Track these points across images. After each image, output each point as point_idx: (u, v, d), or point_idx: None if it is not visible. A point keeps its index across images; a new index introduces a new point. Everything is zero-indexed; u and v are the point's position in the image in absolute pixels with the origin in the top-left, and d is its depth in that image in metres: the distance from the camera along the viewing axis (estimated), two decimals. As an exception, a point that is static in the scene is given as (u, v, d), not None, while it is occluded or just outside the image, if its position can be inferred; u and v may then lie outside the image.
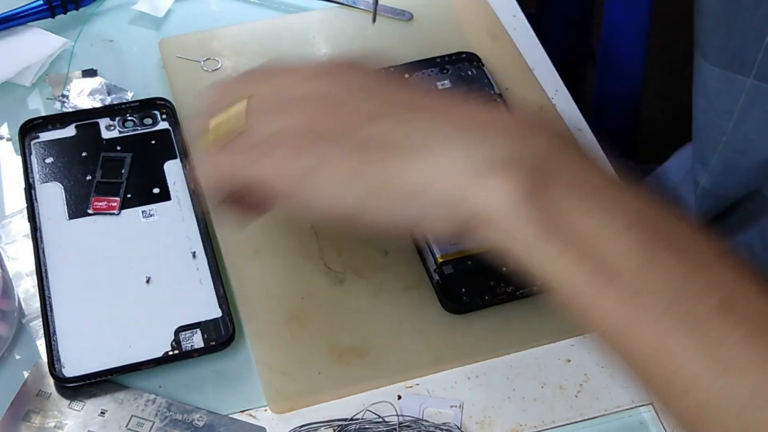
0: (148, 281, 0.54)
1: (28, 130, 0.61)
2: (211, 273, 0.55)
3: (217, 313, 0.53)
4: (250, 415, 0.51)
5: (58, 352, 0.51)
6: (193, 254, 0.56)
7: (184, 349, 0.51)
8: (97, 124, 0.62)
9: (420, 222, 0.42)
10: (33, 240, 0.56)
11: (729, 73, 0.59)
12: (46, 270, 0.54)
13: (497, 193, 0.39)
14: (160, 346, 0.51)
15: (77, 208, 0.57)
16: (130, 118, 0.62)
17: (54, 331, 0.52)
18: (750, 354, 0.36)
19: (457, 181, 0.40)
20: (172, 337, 0.52)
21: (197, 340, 0.52)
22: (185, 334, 0.52)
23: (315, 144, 0.43)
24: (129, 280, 0.54)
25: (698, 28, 0.62)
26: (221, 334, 0.52)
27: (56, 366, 0.50)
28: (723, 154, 0.64)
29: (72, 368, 0.50)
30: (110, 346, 0.51)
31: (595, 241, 0.38)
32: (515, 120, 0.42)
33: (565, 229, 0.38)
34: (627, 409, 0.52)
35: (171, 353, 0.51)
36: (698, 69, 0.63)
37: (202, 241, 0.56)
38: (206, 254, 0.56)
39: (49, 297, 0.53)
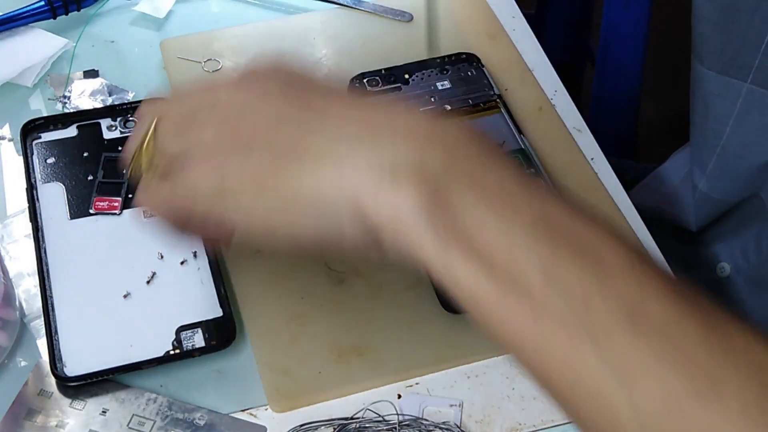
0: (149, 281, 0.54)
1: (30, 131, 0.61)
2: (212, 273, 0.55)
3: (217, 312, 0.53)
4: (251, 414, 0.51)
5: (59, 351, 0.51)
6: (194, 254, 0.56)
7: (185, 349, 0.52)
8: (99, 124, 0.62)
9: (331, 235, 0.40)
10: (34, 240, 0.56)
11: (726, 78, 0.60)
12: (47, 270, 0.55)
13: (400, 203, 0.38)
14: (161, 345, 0.52)
15: (79, 208, 0.58)
16: (131, 118, 0.62)
17: (55, 331, 0.52)
18: (658, 365, 0.34)
19: (360, 190, 0.39)
20: (173, 337, 0.52)
21: (198, 340, 0.52)
22: (186, 334, 0.52)
23: (223, 157, 0.42)
24: (130, 280, 0.54)
25: (695, 33, 0.62)
26: (222, 334, 0.52)
27: (58, 365, 0.51)
28: (720, 158, 0.64)
29: (73, 367, 0.51)
30: (111, 346, 0.52)
31: (496, 250, 0.37)
32: (421, 121, 0.41)
33: (466, 239, 0.37)
34: (625, 408, 0.52)
35: (172, 352, 0.51)
36: (695, 74, 0.64)
37: (203, 241, 0.56)
38: (207, 254, 0.56)
39: (51, 297, 0.53)
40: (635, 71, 1.07)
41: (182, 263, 0.55)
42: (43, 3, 0.69)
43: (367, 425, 0.50)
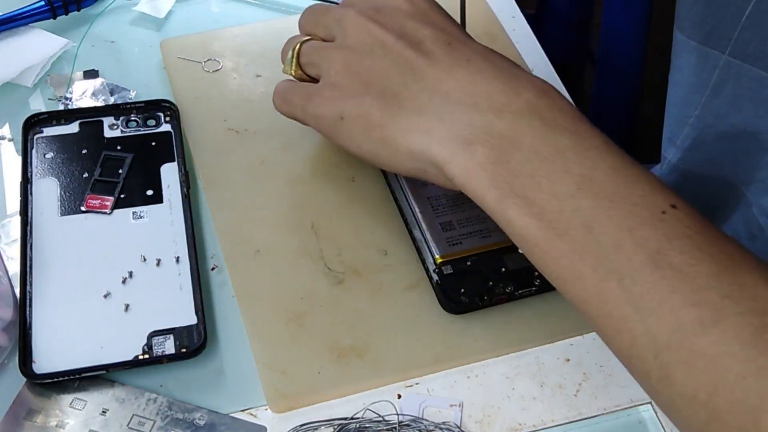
0: (124, 280, 0.54)
1: (33, 125, 0.61)
2: (192, 279, 0.54)
3: (192, 320, 0.53)
4: (251, 414, 0.51)
5: (31, 348, 0.51)
6: (177, 259, 0.55)
7: (155, 354, 0.51)
8: (101, 122, 0.62)
9: (419, 174, 0.51)
10: (22, 234, 0.55)
11: (705, 48, 0.60)
12: (30, 265, 0.54)
13: (470, 165, 0.47)
14: (132, 349, 0.51)
15: (70, 205, 0.57)
16: (134, 118, 0.62)
17: (30, 327, 0.52)
18: (670, 299, 0.41)
19: (442, 151, 0.48)
20: (145, 341, 0.52)
21: (169, 346, 0.52)
22: (158, 339, 0.52)
23: (343, 96, 0.52)
24: (111, 281, 0.54)
25: (678, 2, 0.62)
26: (193, 342, 0.52)
27: (26, 362, 0.50)
28: (693, 128, 0.65)
29: (43, 365, 0.50)
30: (83, 346, 0.51)
31: (546, 205, 0.45)
32: (500, 92, 0.49)
33: (522, 193, 0.45)
34: (626, 408, 0.52)
35: (141, 357, 0.51)
36: (676, 43, 0.64)
37: (188, 247, 0.56)
38: (189, 260, 0.55)
39: (30, 292, 0.53)
40: (635, 71, 1.07)
41: (164, 267, 0.55)
42: (43, 3, 0.69)
43: (367, 425, 0.50)
